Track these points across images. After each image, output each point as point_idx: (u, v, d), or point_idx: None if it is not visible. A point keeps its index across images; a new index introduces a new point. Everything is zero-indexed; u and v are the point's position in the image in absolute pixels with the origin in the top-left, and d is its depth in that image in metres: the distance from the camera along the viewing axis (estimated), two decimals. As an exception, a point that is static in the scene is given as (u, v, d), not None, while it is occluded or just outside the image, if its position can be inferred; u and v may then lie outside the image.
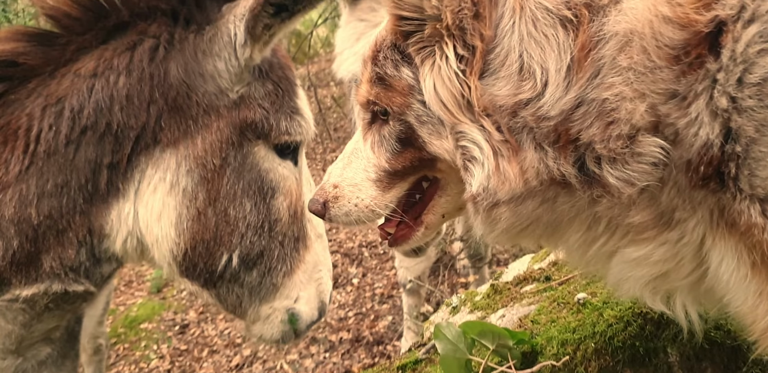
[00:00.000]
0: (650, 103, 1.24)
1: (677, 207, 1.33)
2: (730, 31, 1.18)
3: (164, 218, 2.10)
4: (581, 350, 1.98)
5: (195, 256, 2.16)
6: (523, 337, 2.04)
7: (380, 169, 1.68)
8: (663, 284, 1.49)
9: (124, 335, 6.36)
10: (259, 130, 2.16)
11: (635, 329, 1.94)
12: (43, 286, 2.06)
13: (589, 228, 1.49)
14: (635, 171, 1.29)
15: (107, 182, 2.04)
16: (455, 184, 1.67)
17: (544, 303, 2.30)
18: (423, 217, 1.79)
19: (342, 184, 1.74)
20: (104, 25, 2.06)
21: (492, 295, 2.56)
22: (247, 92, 2.15)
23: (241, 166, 2.15)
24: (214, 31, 2.08)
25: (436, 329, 2.09)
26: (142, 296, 6.90)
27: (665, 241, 1.38)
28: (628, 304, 2.01)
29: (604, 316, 2.01)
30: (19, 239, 1.99)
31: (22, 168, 1.97)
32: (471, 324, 2.06)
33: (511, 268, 2.70)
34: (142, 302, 6.72)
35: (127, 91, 2.02)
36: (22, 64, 2.00)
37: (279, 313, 2.37)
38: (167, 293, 6.90)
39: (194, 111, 2.07)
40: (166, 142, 2.07)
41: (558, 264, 2.53)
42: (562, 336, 2.04)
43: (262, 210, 2.21)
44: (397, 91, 1.58)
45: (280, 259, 2.29)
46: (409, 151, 1.62)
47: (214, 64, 2.08)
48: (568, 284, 2.37)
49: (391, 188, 1.71)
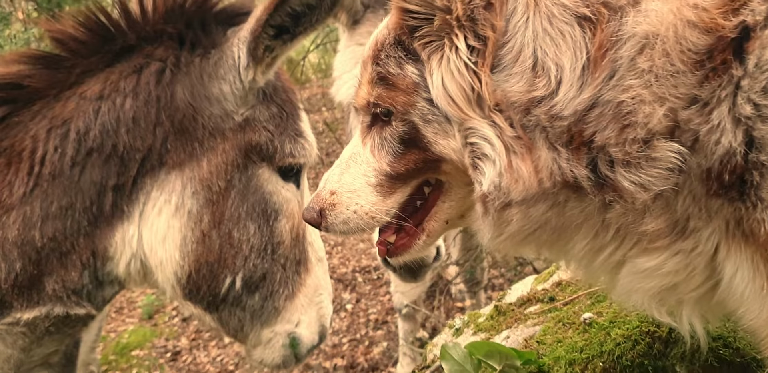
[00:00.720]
0: (670, 108, 1.24)
1: (692, 215, 1.32)
2: (758, 37, 1.18)
3: (169, 240, 2.09)
4: (589, 369, 1.97)
5: (199, 278, 2.15)
6: (530, 357, 2.03)
7: (381, 173, 1.61)
8: (671, 295, 1.46)
9: (115, 362, 6.27)
10: (264, 152, 2.17)
11: (643, 347, 1.93)
12: (44, 309, 2.04)
13: (596, 235, 1.46)
14: (650, 176, 1.27)
15: (112, 204, 2.04)
16: (459, 188, 1.63)
17: (549, 324, 2.29)
18: (425, 224, 1.71)
19: (339, 190, 1.66)
20: (110, 48, 2.08)
21: (496, 316, 2.54)
22: (252, 115, 2.16)
23: (246, 188, 2.16)
24: (219, 54, 2.10)
25: (442, 350, 2.07)
26: (133, 322, 6.83)
27: (678, 250, 1.36)
28: (635, 323, 2.00)
29: (611, 335, 2.01)
30: (22, 261, 1.97)
31: (27, 190, 1.96)
32: (477, 345, 2.05)
33: (514, 289, 2.69)
34: (134, 329, 6.65)
35: (134, 113, 2.02)
36: (27, 87, 2.01)
37: (280, 337, 2.35)
38: (159, 319, 6.83)
39: (200, 133, 2.08)
40: (172, 164, 2.07)
41: (562, 284, 2.53)
42: (570, 356, 2.03)
43: (265, 233, 2.21)
44: (401, 90, 1.53)
45: (282, 282, 2.29)
46: (413, 153, 1.56)
47: (220, 87, 2.09)
48: (573, 304, 2.36)
49: (393, 193, 1.63)
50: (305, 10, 2.06)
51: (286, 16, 2.05)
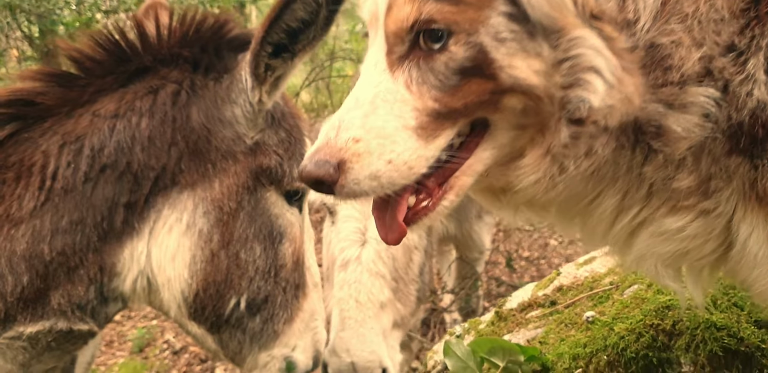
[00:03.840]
0: (706, 54, 1.23)
1: (713, 175, 1.31)
2: None
3: (178, 258, 2.10)
4: (593, 363, 1.96)
5: (206, 298, 2.16)
6: (534, 353, 2.02)
7: (425, 112, 1.32)
8: (681, 262, 1.46)
9: (104, 396, 6.16)
10: (273, 176, 2.20)
11: (647, 339, 1.93)
12: (48, 323, 2.03)
13: (627, 193, 1.41)
14: (689, 122, 1.25)
15: (123, 221, 2.05)
16: (507, 131, 1.39)
17: (552, 325, 2.29)
18: (454, 180, 1.41)
19: (366, 136, 1.33)
20: (125, 68, 2.12)
21: (496, 322, 2.54)
22: (262, 139, 2.20)
23: (254, 210, 2.19)
24: (231, 79, 2.15)
25: (445, 347, 2.06)
26: (123, 356, 6.71)
27: (702, 211, 1.34)
28: (639, 317, 2.01)
29: (614, 330, 2.00)
30: (29, 275, 1.97)
31: (37, 204, 1.97)
32: (481, 341, 2.04)
33: (515, 296, 2.69)
34: (124, 362, 6.53)
35: (150, 132, 2.05)
36: (39, 104, 2.04)
37: (276, 361, 2.35)
38: (149, 352, 6.72)
39: (213, 155, 2.12)
40: (185, 184, 2.10)
41: (563, 289, 2.53)
42: (573, 351, 2.02)
43: (270, 255, 2.23)
44: (468, 3, 1.28)
45: (282, 306, 2.29)
46: (473, 84, 1.30)
47: (232, 111, 2.14)
48: (575, 306, 2.36)
49: (436, 136, 1.34)
50: (301, 26, 2.09)
51: (282, 33, 2.09)
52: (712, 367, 1.87)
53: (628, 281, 2.32)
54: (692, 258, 1.43)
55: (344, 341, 3.09)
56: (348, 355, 3.06)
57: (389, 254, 3.36)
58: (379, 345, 3.14)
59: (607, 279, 2.43)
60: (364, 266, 3.29)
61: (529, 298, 2.57)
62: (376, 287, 3.28)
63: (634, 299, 2.15)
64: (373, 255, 3.30)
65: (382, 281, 3.31)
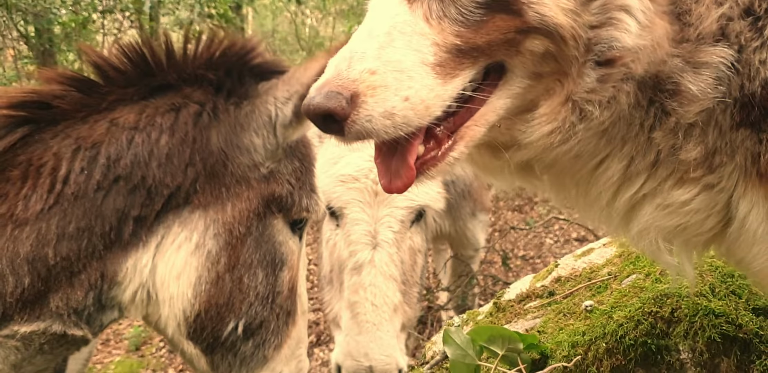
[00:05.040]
0: (724, 14, 1.21)
1: (718, 150, 1.31)
2: None
3: (184, 277, 2.11)
4: (592, 350, 1.97)
5: (206, 319, 2.17)
6: (533, 341, 2.03)
7: (445, 47, 1.24)
8: (680, 237, 1.44)
9: (100, 394, 6.15)
10: (283, 204, 2.23)
11: (646, 327, 1.94)
12: (44, 325, 2.02)
13: (634, 159, 1.38)
14: (703, 82, 1.22)
15: (132, 233, 2.05)
16: (524, 80, 1.33)
17: (550, 315, 2.30)
18: (464, 130, 1.34)
19: (382, 69, 1.22)
20: (148, 82, 2.12)
21: (495, 313, 2.54)
22: (277, 168, 2.22)
23: (261, 236, 2.20)
24: (251, 107, 2.16)
25: (445, 334, 2.07)
26: (119, 354, 6.71)
27: (707, 185, 1.34)
28: (637, 305, 2.01)
29: (613, 318, 2.01)
30: (31, 277, 1.96)
31: (45, 207, 1.95)
32: (480, 330, 2.05)
33: (513, 287, 2.69)
34: (120, 360, 6.53)
35: (169, 150, 2.05)
36: (55, 108, 2.03)
37: None
38: (146, 351, 6.72)
39: (228, 179, 2.12)
40: (197, 204, 2.10)
41: (561, 280, 2.54)
42: (572, 339, 2.03)
43: (270, 281, 2.25)
44: None
45: (274, 331, 2.31)
46: (499, 19, 1.23)
47: (251, 139, 2.15)
48: (573, 296, 2.37)
49: (455, 75, 1.26)
50: None
51: None
52: (711, 353, 1.88)
53: (627, 272, 2.33)
54: (691, 233, 1.42)
55: (362, 345, 3.13)
56: (366, 359, 3.10)
57: (399, 257, 3.40)
58: (394, 348, 3.19)
59: (605, 270, 2.44)
60: (378, 269, 3.32)
61: (527, 289, 2.57)
62: (391, 290, 3.32)
63: (632, 288, 2.16)
64: (386, 258, 3.33)
65: (395, 284, 3.35)
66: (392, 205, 3.47)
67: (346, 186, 3.49)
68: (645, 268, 2.28)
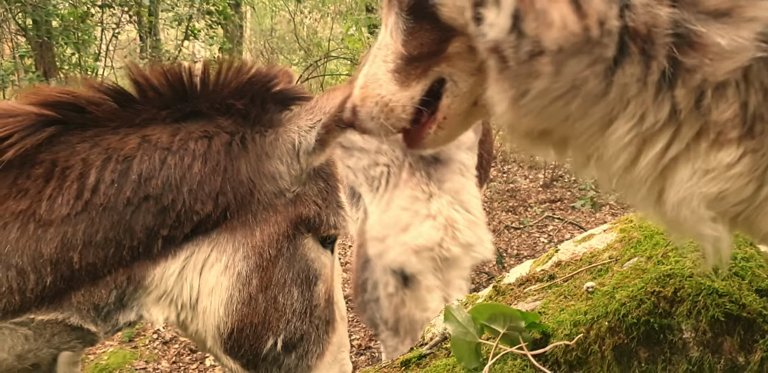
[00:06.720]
0: None
1: (757, 117, 1.19)
2: None
3: (215, 294, 2.13)
4: (594, 329, 1.96)
5: (241, 337, 2.19)
6: (535, 320, 2.02)
7: (397, 55, 1.42)
8: (717, 208, 1.31)
9: (91, 386, 6.11)
10: (311, 224, 2.24)
11: (649, 306, 1.93)
12: (62, 316, 2.02)
13: (643, 118, 1.23)
14: (742, 38, 1.08)
15: (161, 248, 2.06)
16: (463, 81, 1.44)
17: (551, 297, 2.29)
18: (436, 114, 1.55)
19: (367, 82, 1.52)
20: (181, 107, 2.12)
21: (494, 296, 2.54)
22: (303, 190, 2.23)
23: (293, 256, 2.22)
24: (275, 135, 2.17)
25: (446, 312, 2.06)
26: (112, 345, 6.68)
27: (748, 148, 1.22)
28: (640, 284, 2.01)
29: (616, 297, 2.01)
30: (53, 277, 1.95)
31: (72, 212, 1.94)
32: (481, 307, 2.04)
33: (513, 272, 2.69)
34: (113, 351, 6.49)
35: (200, 177, 2.05)
36: (89, 113, 2.02)
37: None
38: (139, 342, 6.68)
39: (254, 207, 2.13)
40: (225, 228, 2.11)
41: (561, 264, 2.53)
42: (574, 318, 2.02)
43: (306, 297, 2.27)
44: None
45: (315, 342, 2.34)
46: (425, 26, 1.35)
47: (276, 167, 2.16)
48: (574, 279, 2.36)
49: (411, 81, 1.44)
50: None
51: None
52: (714, 332, 1.87)
53: (628, 255, 2.33)
54: (728, 204, 1.30)
55: None
56: None
57: None
58: None
59: (606, 254, 2.44)
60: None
61: (527, 273, 2.57)
62: None
63: (634, 270, 2.16)
64: None
65: None
66: (459, 266, 3.78)
67: (420, 256, 3.67)
68: (647, 251, 2.28)
